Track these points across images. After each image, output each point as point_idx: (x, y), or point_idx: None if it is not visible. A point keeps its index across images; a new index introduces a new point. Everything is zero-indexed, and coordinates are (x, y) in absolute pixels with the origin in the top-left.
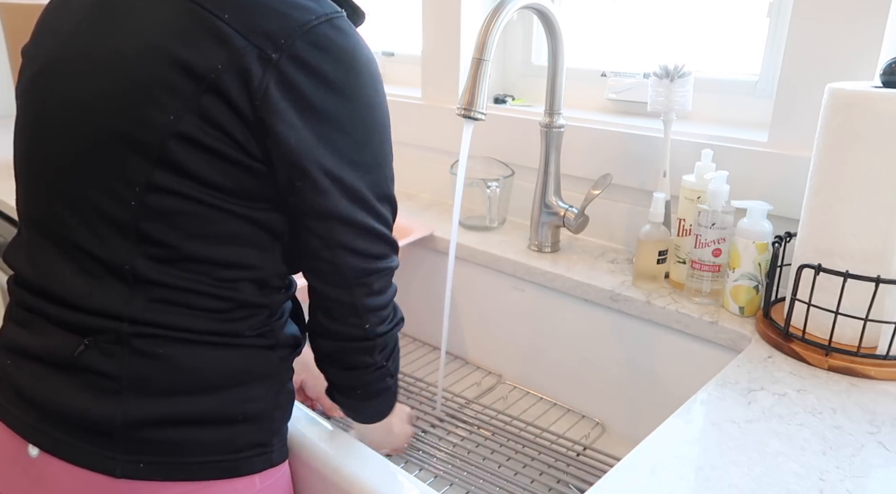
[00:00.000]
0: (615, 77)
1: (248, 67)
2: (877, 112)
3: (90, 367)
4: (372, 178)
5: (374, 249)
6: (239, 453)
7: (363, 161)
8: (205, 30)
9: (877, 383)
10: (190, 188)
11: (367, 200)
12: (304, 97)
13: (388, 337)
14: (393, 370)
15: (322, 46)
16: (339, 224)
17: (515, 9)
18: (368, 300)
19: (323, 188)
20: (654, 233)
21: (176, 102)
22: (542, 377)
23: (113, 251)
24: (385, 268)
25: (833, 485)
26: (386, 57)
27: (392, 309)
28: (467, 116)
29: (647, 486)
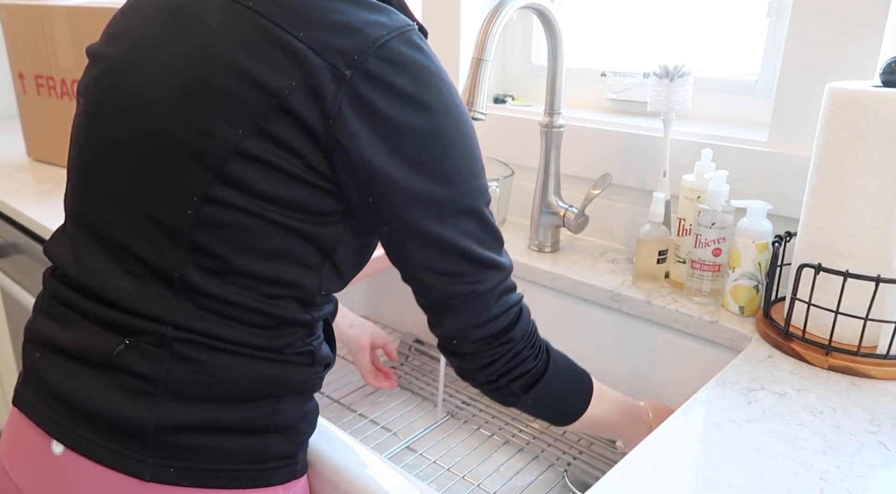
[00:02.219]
0: (615, 77)
1: (320, 85)
2: (877, 112)
3: (128, 367)
4: (452, 190)
5: (452, 267)
6: (266, 464)
7: (441, 172)
8: (278, 47)
9: (877, 382)
10: (248, 202)
11: (444, 213)
12: (377, 112)
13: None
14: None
15: (394, 61)
16: (411, 239)
17: (515, 9)
18: (449, 320)
19: (396, 201)
20: (654, 232)
21: (245, 118)
22: None
23: (163, 257)
24: (468, 291)
25: (833, 485)
26: None
27: (494, 328)
28: None
29: (647, 486)
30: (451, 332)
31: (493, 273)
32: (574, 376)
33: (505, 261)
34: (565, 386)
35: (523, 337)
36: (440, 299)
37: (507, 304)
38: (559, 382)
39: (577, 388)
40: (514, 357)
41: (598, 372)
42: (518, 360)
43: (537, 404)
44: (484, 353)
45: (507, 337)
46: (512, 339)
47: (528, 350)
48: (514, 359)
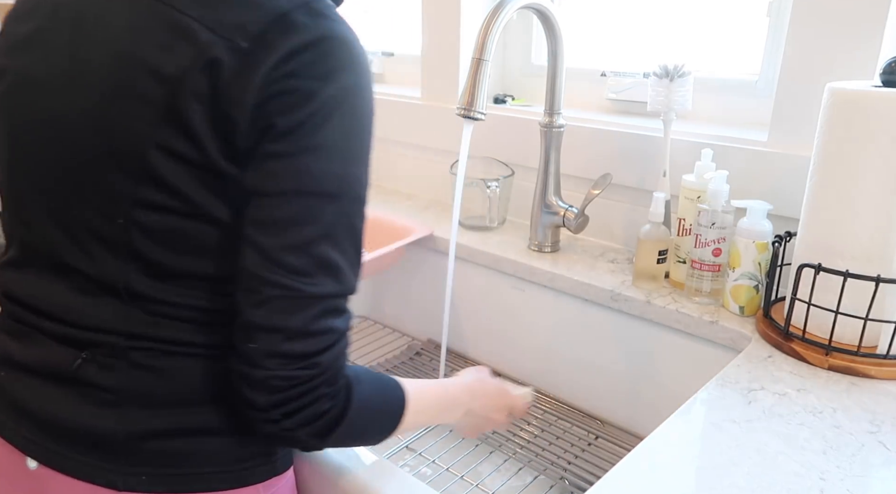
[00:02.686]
0: (615, 77)
1: (217, 60)
2: (877, 112)
3: (88, 381)
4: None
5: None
6: (242, 463)
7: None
8: (172, 29)
9: (877, 382)
10: (174, 202)
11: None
12: (279, 86)
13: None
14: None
15: (296, 33)
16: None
17: (515, 9)
18: (257, 314)
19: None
20: (654, 232)
21: (149, 111)
22: (541, 376)
23: (105, 269)
24: (289, 287)
25: (833, 485)
26: (386, 57)
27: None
28: (467, 116)
29: (647, 486)
30: (252, 331)
31: (327, 280)
32: (381, 405)
33: (348, 277)
34: (368, 421)
35: (328, 370)
36: (255, 286)
37: (329, 326)
38: (360, 420)
39: (384, 414)
40: (310, 391)
41: (598, 372)
42: (313, 396)
43: (335, 444)
44: (278, 373)
45: (311, 361)
46: (314, 364)
47: (328, 386)
48: (309, 393)
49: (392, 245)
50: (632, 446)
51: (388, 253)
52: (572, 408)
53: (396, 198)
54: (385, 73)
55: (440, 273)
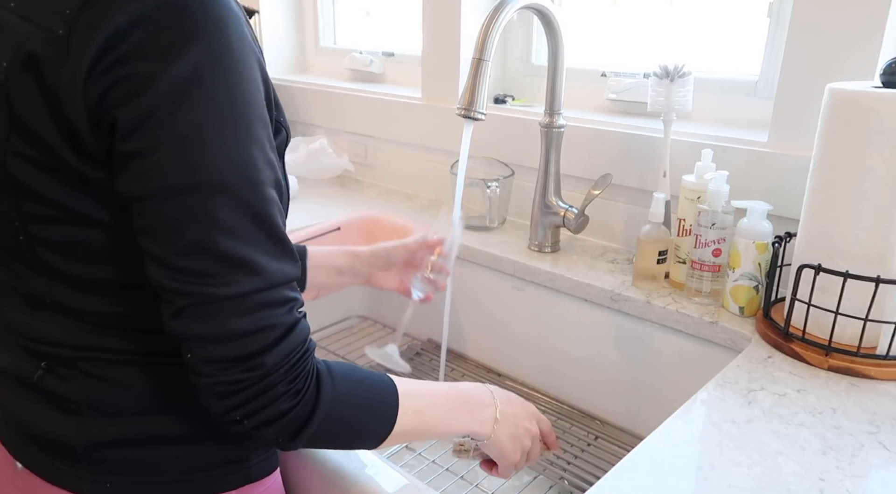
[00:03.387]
0: (615, 77)
1: (33, 55)
2: (877, 112)
3: (50, 390)
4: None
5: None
6: (207, 471)
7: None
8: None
9: (877, 383)
10: (56, 212)
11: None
12: (111, 76)
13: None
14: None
15: (119, 7)
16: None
17: (515, 9)
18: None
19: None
20: (654, 232)
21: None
22: (541, 376)
23: (31, 285)
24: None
25: (833, 485)
26: (386, 57)
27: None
28: (467, 116)
29: (647, 486)
30: (181, 341)
31: (244, 275)
32: (365, 404)
33: (271, 268)
34: (351, 420)
35: (279, 366)
36: (167, 297)
37: (264, 322)
38: (339, 419)
39: (372, 411)
40: (263, 391)
41: (598, 373)
42: (269, 397)
43: (316, 444)
44: (223, 379)
45: (254, 362)
46: (259, 365)
47: (285, 385)
48: (262, 395)
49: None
50: (632, 446)
51: None
52: (572, 408)
53: (396, 198)
54: (385, 73)
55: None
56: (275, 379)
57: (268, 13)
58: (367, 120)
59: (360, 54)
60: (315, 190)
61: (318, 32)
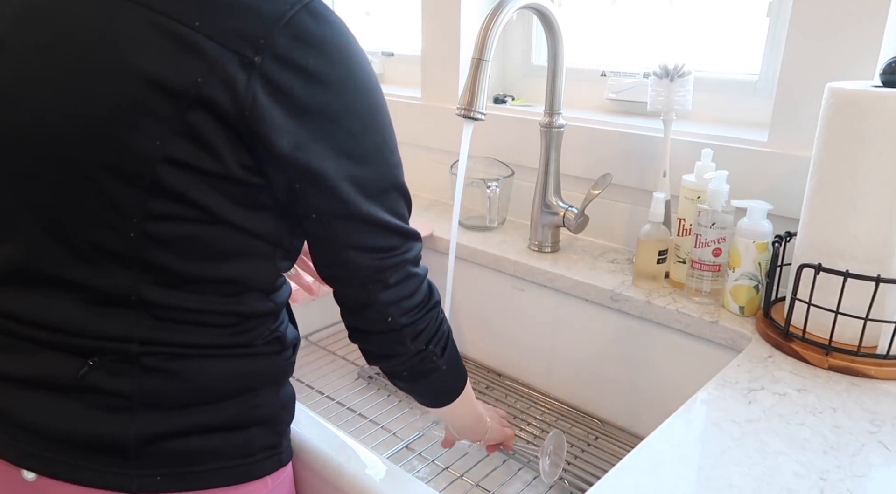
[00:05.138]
0: (615, 77)
1: (229, 76)
2: (877, 112)
3: (95, 387)
4: (375, 168)
5: (383, 243)
6: (253, 456)
7: (363, 151)
8: (174, 42)
9: (877, 382)
10: (188, 212)
11: (371, 192)
12: (293, 97)
13: (418, 324)
14: (439, 350)
15: (304, 39)
16: (340, 220)
17: (515, 9)
18: (384, 295)
19: (322, 187)
20: (654, 232)
21: (158, 126)
22: (541, 376)
23: (116, 282)
24: (400, 262)
25: (833, 485)
26: (386, 57)
27: (421, 295)
28: (467, 116)
29: (647, 486)
30: (385, 308)
31: (415, 243)
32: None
33: (418, 233)
34: (455, 345)
35: (439, 299)
36: (371, 276)
37: (425, 271)
38: (453, 339)
39: (459, 368)
40: (437, 318)
41: (598, 373)
42: (439, 321)
43: (449, 365)
44: (419, 321)
45: (433, 301)
46: (437, 303)
47: (441, 311)
48: (436, 321)
49: None
50: (632, 446)
51: None
52: (572, 408)
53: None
54: (385, 73)
55: (440, 273)
56: (440, 308)
57: None
58: None
59: None
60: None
61: None
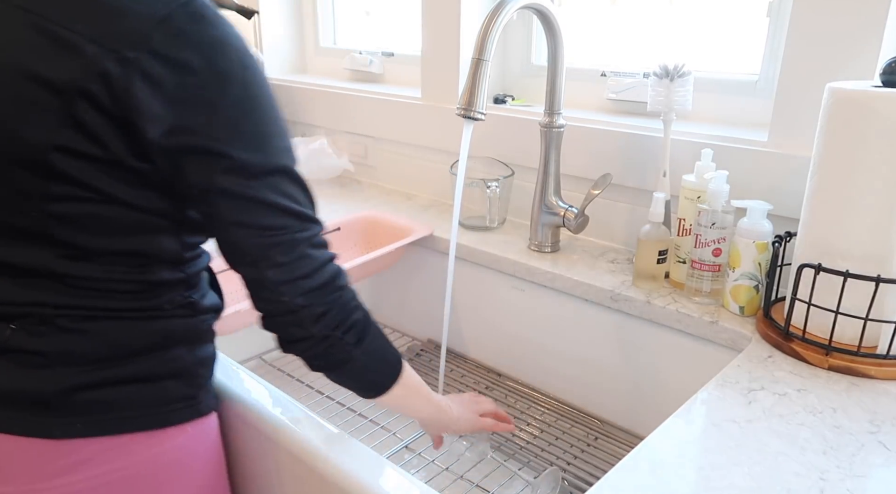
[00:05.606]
0: (615, 77)
1: (106, 71)
2: (877, 112)
3: (20, 348)
4: (255, 153)
5: (270, 222)
6: (168, 406)
7: (241, 137)
8: (55, 42)
9: (877, 382)
10: (84, 193)
11: (252, 174)
12: (167, 88)
13: (317, 307)
14: (352, 339)
15: (179, 34)
16: (224, 200)
17: (515, 9)
18: (274, 273)
19: (203, 170)
20: (654, 232)
21: (47, 119)
22: (541, 376)
23: (27, 257)
24: (289, 240)
25: (834, 485)
26: (386, 57)
27: (322, 278)
28: (467, 116)
29: (647, 486)
30: (277, 287)
31: (310, 225)
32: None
33: (318, 218)
34: (382, 336)
35: (348, 285)
36: (259, 253)
37: (329, 256)
38: (378, 330)
39: (389, 355)
40: (345, 305)
41: (598, 373)
42: (348, 308)
43: (368, 355)
44: (319, 304)
45: (337, 286)
46: (341, 288)
47: (354, 299)
48: (345, 307)
49: (392, 245)
50: (632, 446)
51: (388, 253)
52: (572, 408)
53: (396, 198)
54: (385, 73)
55: (440, 273)
56: (348, 294)
57: (268, 13)
58: (367, 120)
59: (360, 54)
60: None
61: (317, 32)
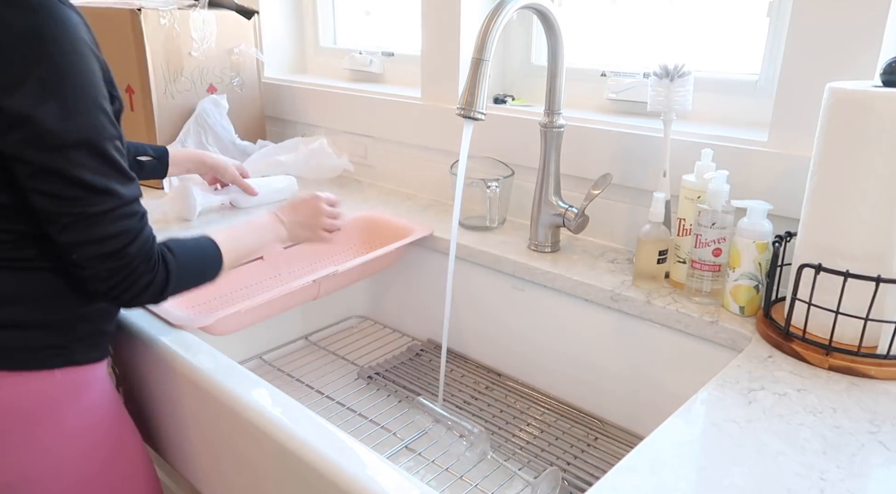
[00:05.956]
0: (615, 77)
1: None
2: (877, 112)
3: None
4: (56, 125)
5: (65, 192)
6: (36, 352)
7: (43, 112)
8: None
9: (877, 382)
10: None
11: (49, 145)
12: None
13: (101, 273)
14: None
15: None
16: (23, 167)
17: (515, 9)
18: (64, 235)
19: (7, 136)
20: (654, 232)
21: None
22: (542, 376)
23: None
24: (79, 212)
25: (834, 485)
26: (386, 57)
27: (112, 247)
28: (467, 116)
29: (647, 486)
30: (69, 248)
31: (106, 198)
32: (199, 261)
33: (123, 192)
34: (194, 273)
35: (138, 255)
36: (54, 219)
37: (124, 228)
38: (187, 275)
39: (206, 265)
40: (130, 273)
41: (598, 373)
42: (135, 276)
43: (179, 288)
44: (101, 268)
45: (122, 254)
46: (125, 255)
47: (144, 265)
48: (130, 275)
49: (392, 245)
50: (632, 446)
51: (388, 253)
52: (572, 408)
53: (396, 198)
54: (385, 73)
55: (440, 273)
56: (137, 264)
57: (268, 13)
58: (366, 120)
59: (360, 54)
60: (315, 190)
61: (317, 32)
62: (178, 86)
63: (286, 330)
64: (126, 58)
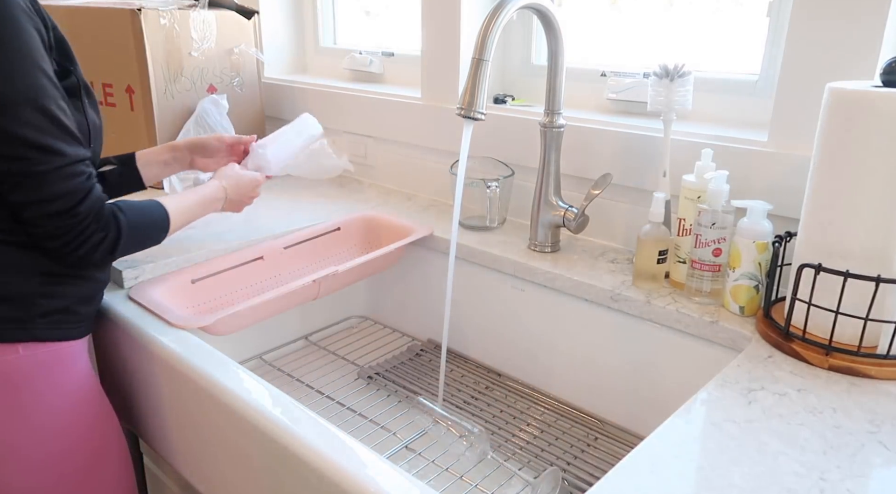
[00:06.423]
0: (615, 77)
1: None
2: (877, 112)
3: None
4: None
5: (11, 152)
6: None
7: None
8: None
9: (877, 382)
10: None
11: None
12: None
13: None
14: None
15: None
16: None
17: (515, 9)
18: (13, 195)
19: None
20: (654, 232)
21: None
22: (541, 376)
23: None
24: (24, 171)
25: (833, 485)
26: (386, 57)
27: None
28: (467, 116)
29: (647, 486)
30: (20, 206)
31: (52, 157)
32: (149, 222)
33: (69, 150)
34: (143, 233)
35: (90, 214)
36: (3, 178)
37: (73, 187)
38: (136, 233)
39: (154, 225)
40: (82, 231)
41: (598, 373)
42: (87, 234)
43: (129, 249)
44: (50, 226)
45: (72, 212)
46: (76, 214)
47: (95, 223)
48: (82, 233)
49: (392, 245)
50: (632, 446)
51: (389, 254)
52: (572, 408)
53: (396, 198)
54: (385, 73)
55: (440, 273)
56: (89, 222)
57: (268, 13)
58: (366, 120)
59: (360, 54)
60: (315, 190)
61: (317, 32)
62: (178, 86)
63: (286, 330)
64: (126, 58)
